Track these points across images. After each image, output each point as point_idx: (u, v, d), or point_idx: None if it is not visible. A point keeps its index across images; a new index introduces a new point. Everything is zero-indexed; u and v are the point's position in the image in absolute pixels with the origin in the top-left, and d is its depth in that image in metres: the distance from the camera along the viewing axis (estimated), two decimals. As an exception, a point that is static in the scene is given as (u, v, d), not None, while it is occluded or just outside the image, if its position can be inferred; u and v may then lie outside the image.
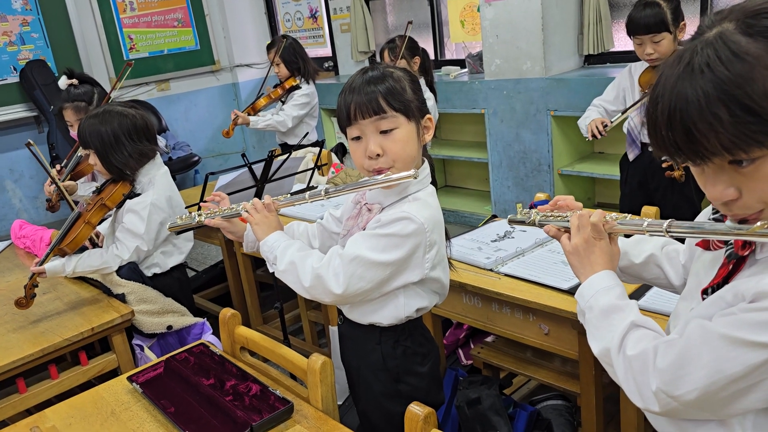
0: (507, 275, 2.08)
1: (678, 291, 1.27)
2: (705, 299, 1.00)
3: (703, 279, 1.05)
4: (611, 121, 2.84)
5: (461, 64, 5.28)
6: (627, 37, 2.78)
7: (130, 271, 2.42)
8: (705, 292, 1.01)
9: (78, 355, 2.21)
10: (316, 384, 1.51)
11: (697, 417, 0.98)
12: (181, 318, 2.43)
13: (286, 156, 2.69)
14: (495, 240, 2.35)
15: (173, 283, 2.58)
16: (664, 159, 2.65)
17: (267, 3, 6.93)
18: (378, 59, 4.48)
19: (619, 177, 3.13)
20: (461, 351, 2.76)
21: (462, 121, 5.32)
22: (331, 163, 3.79)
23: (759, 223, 0.87)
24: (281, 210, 1.69)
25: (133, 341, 2.34)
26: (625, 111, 2.83)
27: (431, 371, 1.63)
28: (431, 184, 1.58)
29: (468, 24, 5.01)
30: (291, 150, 2.89)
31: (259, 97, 4.19)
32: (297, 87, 4.08)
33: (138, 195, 2.46)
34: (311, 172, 3.11)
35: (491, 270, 2.13)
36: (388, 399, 1.59)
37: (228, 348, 1.83)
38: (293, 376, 1.72)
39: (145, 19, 6.31)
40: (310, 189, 1.68)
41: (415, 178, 1.43)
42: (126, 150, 2.39)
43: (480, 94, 4.63)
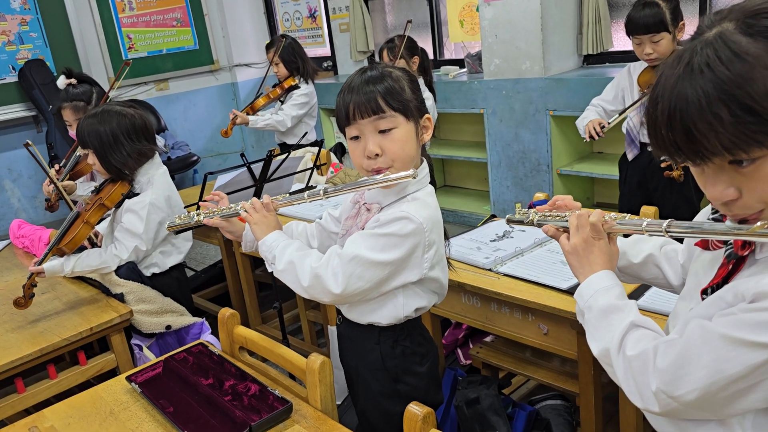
0: (506, 275, 2.08)
1: (676, 291, 1.27)
2: (704, 299, 1.00)
3: (703, 279, 1.05)
4: (608, 123, 2.84)
5: (460, 63, 5.28)
6: (626, 37, 2.78)
7: (128, 271, 2.42)
8: (704, 292, 1.01)
9: (77, 355, 2.21)
10: (314, 384, 1.51)
11: (697, 417, 0.98)
12: (180, 318, 2.43)
13: (285, 156, 2.68)
14: (494, 240, 2.35)
15: (172, 283, 2.58)
16: (663, 159, 2.67)
17: (266, 3, 6.93)
18: (377, 59, 4.47)
19: (618, 177, 3.13)
20: (460, 351, 2.76)
21: (461, 121, 5.32)
22: (330, 163, 3.79)
23: (759, 223, 0.87)
24: (280, 210, 1.69)
25: (132, 341, 2.34)
26: (624, 111, 2.83)
27: (430, 371, 1.63)
28: (430, 183, 1.58)
29: (467, 24, 5.00)
30: (290, 150, 2.89)
31: (258, 97, 4.18)
32: (296, 87, 4.08)
33: (137, 195, 2.46)
34: (310, 171, 3.11)
35: (490, 270, 2.13)
36: (386, 399, 1.59)
37: (227, 348, 1.83)
38: (292, 375, 1.71)
39: (144, 19, 6.30)
40: (309, 189, 1.68)
41: (414, 177, 1.43)
42: (125, 150, 2.39)
43: (479, 93, 4.63)
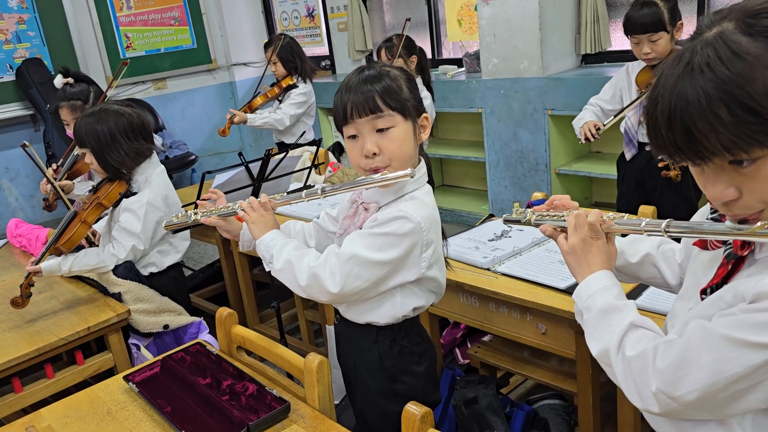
0: (504, 274, 2.08)
1: (674, 290, 1.27)
2: (704, 299, 1.00)
3: (702, 279, 1.05)
4: (604, 124, 2.84)
5: (458, 63, 5.28)
6: (624, 37, 2.78)
7: (126, 270, 2.42)
8: (704, 292, 1.01)
9: (74, 355, 2.21)
10: (312, 383, 1.50)
11: (697, 417, 0.98)
12: (178, 317, 2.42)
13: (283, 155, 2.68)
14: (492, 239, 2.35)
15: (170, 282, 2.58)
16: (660, 158, 2.68)
17: (264, 2, 6.92)
18: (375, 58, 4.47)
19: (616, 176, 3.13)
20: (458, 350, 2.76)
21: (459, 121, 5.31)
22: (328, 162, 3.79)
23: (759, 224, 0.86)
24: (278, 209, 1.69)
25: (130, 340, 2.33)
26: (620, 112, 2.83)
27: (428, 370, 1.63)
28: (428, 183, 1.58)
29: (465, 23, 5.00)
30: (288, 149, 2.88)
31: (256, 96, 4.18)
32: (294, 86, 4.07)
33: (134, 194, 2.46)
34: (308, 171, 3.11)
35: (488, 269, 2.13)
36: (384, 398, 1.59)
37: (224, 347, 1.83)
38: (290, 375, 1.71)
39: (142, 18, 6.29)
40: (306, 188, 1.68)
41: (412, 177, 1.43)
42: (122, 149, 2.39)
43: (477, 93, 4.63)
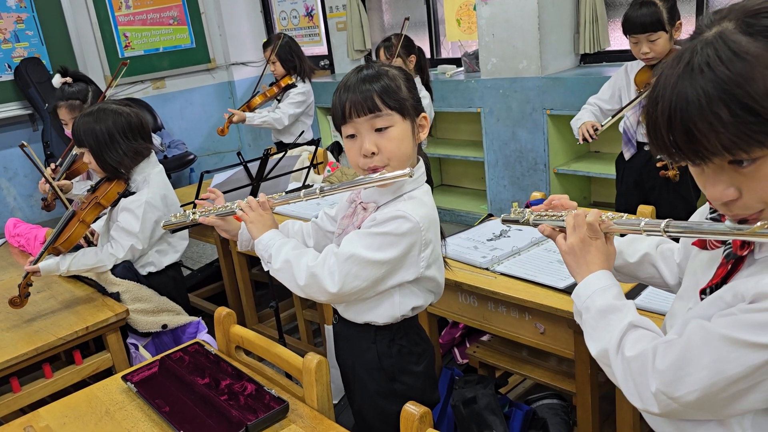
0: (503, 274, 2.08)
1: (673, 290, 1.27)
2: (703, 299, 1.00)
3: (701, 279, 1.05)
4: (602, 125, 2.84)
5: (457, 62, 5.28)
6: (623, 36, 2.78)
7: (124, 270, 2.42)
8: (703, 292, 1.01)
9: (72, 354, 2.20)
10: (311, 383, 1.50)
11: (697, 417, 0.98)
12: (176, 317, 2.42)
13: (281, 154, 2.68)
14: (491, 239, 2.35)
15: (168, 282, 2.58)
16: (658, 158, 2.68)
17: (263, 1, 6.91)
18: (374, 58, 4.47)
19: (615, 176, 3.13)
20: (457, 350, 2.76)
21: (458, 120, 5.31)
22: (327, 162, 3.79)
23: (759, 223, 0.86)
24: (276, 208, 1.69)
25: (128, 340, 2.33)
26: (619, 112, 2.83)
27: (426, 370, 1.63)
28: (427, 182, 1.58)
29: (464, 23, 5.00)
30: (286, 148, 2.88)
31: (255, 95, 4.18)
32: (293, 85, 4.07)
33: (133, 193, 2.45)
34: (307, 170, 3.10)
35: (487, 269, 2.13)
36: (383, 398, 1.59)
37: (223, 347, 1.82)
38: (288, 375, 1.71)
39: (141, 17, 6.28)
40: (305, 188, 1.68)
41: (411, 176, 1.43)
42: (121, 148, 2.38)
43: (476, 92, 4.63)
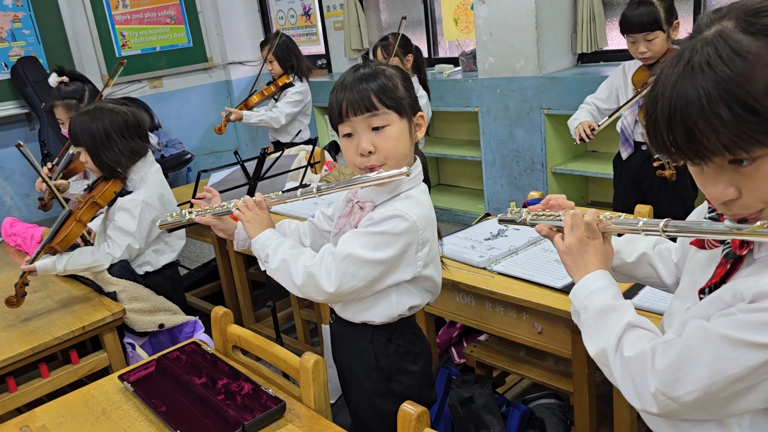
0: (500, 274, 2.08)
1: (670, 290, 1.26)
2: (702, 299, 1.00)
3: (699, 278, 1.04)
4: (598, 125, 2.84)
5: (455, 62, 5.28)
6: (621, 36, 2.78)
7: (121, 269, 2.41)
8: (702, 291, 1.00)
9: (69, 354, 2.20)
10: (308, 383, 1.50)
11: (696, 417, 0.97)
12: (173, 316, 2.42)
13: (278, 154, 2.67)
14: (488, 238, 2.34)
15: (165, 282, 2.57)
16: (655, 158, 2.68)
17: (260, 0, 6.91)
18: (371, 57, 4.47)
19: (613, 176, 3.13)
20: (454, 350, 2.76)
21: (455, 120, 5.31)
22: (324, 161, 3.79)
23: (759, 223, 0.86)
24: (273, 208, 1.68)
25: (125, 340, 2.33)
26: (615, 112, 2.84)
27: (423, 370, 1.63)
28: (424, 182, 1.57)
29: (461, 22, 5.00)
30: (284, 148, 2.87)
31: (252, 94, 4.17)
32: (290, 84, 4.06)
33: (130, 193, 2.45)
34: (304, 170, 3.10)
35: (484, 268, 2.13)
36: (380, 397, 1.59)
37: (220, 347, 1.82)
38: (286, 374, 1.71)
39: (138, 16, 6.27)
40: (302, 187, 1.67)
41: (408, 175, 1.43)
42: (117, 147, 2.38)
43: (473, 92, 4.63)
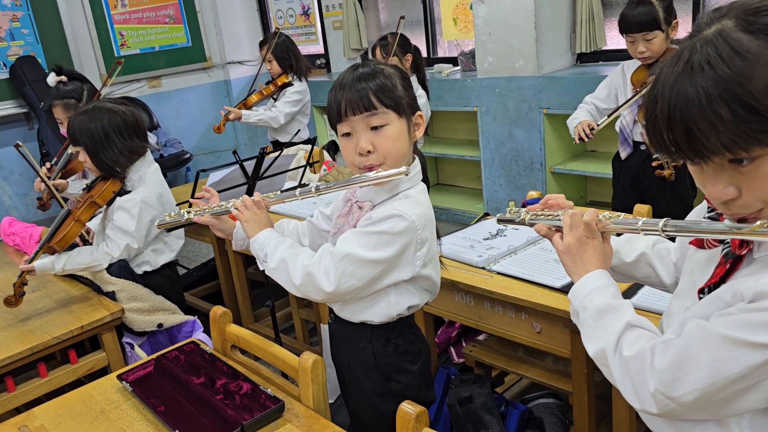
0: (499, 273, 2.08)
1: (669, 290, 1.26)
2: (701, 299, 0.99)
3: (698, 278, 1.04)
4: (598, 124, 2.84)
5: (454, 61, 5.28)
6: (620, 36, 2.78)
7: (120, 269, 2.41)
8: (701, 291, 1.00)
9: (67, 354, 2.20)
10: (307, 382, 1.50)
11: (695, 417, 0.97)
12: (172, 316, 2.42)
13: (277, 153, 2.67)
14: (487, 238, 2.34)
15: (164, 281, 2.57)
16: (654, 158, 2.68)
17: (259, 0, 6.90)
18: (370, 56, 4.47)
19: (612, 175, 3.13)
20: (453, 349, 2.76)
21: (454, 119, 5.31)
22: (323, 161, 3.78)
23: (759, 222, 0.86)
24: (272, 207, 1.68)
25: (123, 339, 2.33)
26: (614, 111, 2.83)
27: (422, 369, 1.62)
28: (423, 182, 1.57)
29: (461, 22, 5.00)
30: (282, 147, 2.87)
31: (251, 94, 4.17)
32: (289, 84, 4.06)
33: (128, 192, 2.45)
34: (303, 169, 3.10)
35: (483, 268, 2.13)
36: (378, 397, 1.59)
37: (219, 346, 1.82)
38: (284, 374, 1.71)
39: (137, 16, 6.27)
40: (301, 186, 1.67)
41: (406, 175, 1.43)
42: (116, 147, 2.38)
43: (472, 91, 4.63)
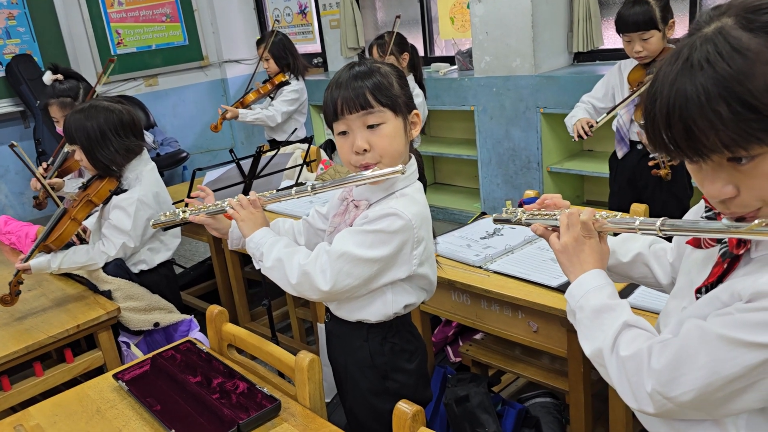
0: (496, 272, 2.08)
1: (666, 290, 1.26)
2: (699, 298, 0.99)
3: (696, 278, 1.04)
4: (597, 122, 2.84)
5: (451, 60, 5.27)
6: (616, 35, 2.78)
7: (116, 268, 2.41)
8: (699, 291, 1.00)
9: (63, 353, 2.19)
10: (303, 382, 1.50)
11: (692, 417, 0.97)
12: (168, 315, 2.41)
13: (274, 152, 2.67)
14: (484, 237, 2.34)
15: (160, 280, 2.57)
16: (651, 157, 2.68)
17: (256, -1, 6.91)
18: (367, 55, 4.47)
19: (608, 175, 3.13)
20: (450, 348, 2.76)
21: (451, 118, 5.31)
22: (320, 160, 3.78)
23: (757, 221, 0.85)
24: (268, 206, 1.68)
25: (120, 338, 2.32)
26: (612, 110, 2.84)
27: (419, 368, 1.62)
28: (420, 181, 1.57)
29: (458, 21, 5.00)
30: (279, 146, 2.87)
31: (248, 92, 4.16)
32: (286, 83, 4.06)
33: (125, 191, 2.44)
34: (300, 168, 3.10)
35: (480, 267, 2.13)
36: (375, 396, 1.58)
37: (215, 345, 1.82)
38: (281, 373, 1.70)
39: (133, 14, 6.26)
40: (297, 185, 1.67)
41: (403, 173, 1.43)
42: (112, 146, 2.37)
43: (469, 91, 4.63)
